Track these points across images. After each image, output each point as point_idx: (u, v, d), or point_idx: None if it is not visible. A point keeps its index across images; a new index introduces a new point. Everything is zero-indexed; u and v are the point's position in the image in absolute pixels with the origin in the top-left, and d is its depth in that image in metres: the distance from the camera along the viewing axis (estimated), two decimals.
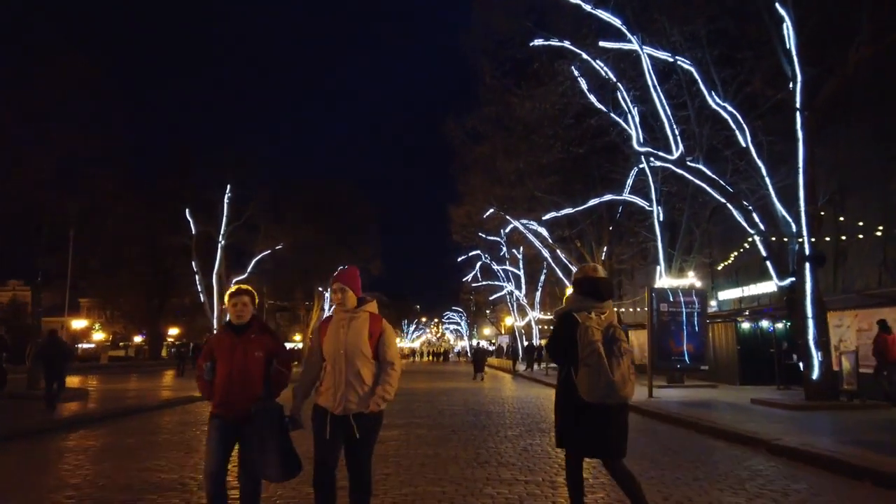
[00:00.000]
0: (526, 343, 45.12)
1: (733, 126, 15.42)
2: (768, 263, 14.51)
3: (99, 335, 79.90)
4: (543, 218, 26.23)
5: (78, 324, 62.71)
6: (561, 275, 33.96)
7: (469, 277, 58.12)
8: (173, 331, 74.07)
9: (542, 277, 48.85)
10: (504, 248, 51.75)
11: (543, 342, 37.19)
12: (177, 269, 43.69)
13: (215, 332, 31.64)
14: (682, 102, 16.43)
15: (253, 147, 43.65)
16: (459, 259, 55.96)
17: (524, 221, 31.92)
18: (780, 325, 20.99)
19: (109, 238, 50.88)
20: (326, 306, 56.05)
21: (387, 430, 10.33)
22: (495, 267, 53.23)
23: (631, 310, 41.83)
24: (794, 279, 14.14)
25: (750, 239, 17.93)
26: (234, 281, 33.91)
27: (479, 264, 55.37)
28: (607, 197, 24.41)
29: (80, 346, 77.42)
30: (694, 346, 16.97)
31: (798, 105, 13.64)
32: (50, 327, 40.05)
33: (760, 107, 15.82)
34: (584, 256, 31.97)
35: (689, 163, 15.19)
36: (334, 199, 50.70)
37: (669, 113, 15.59)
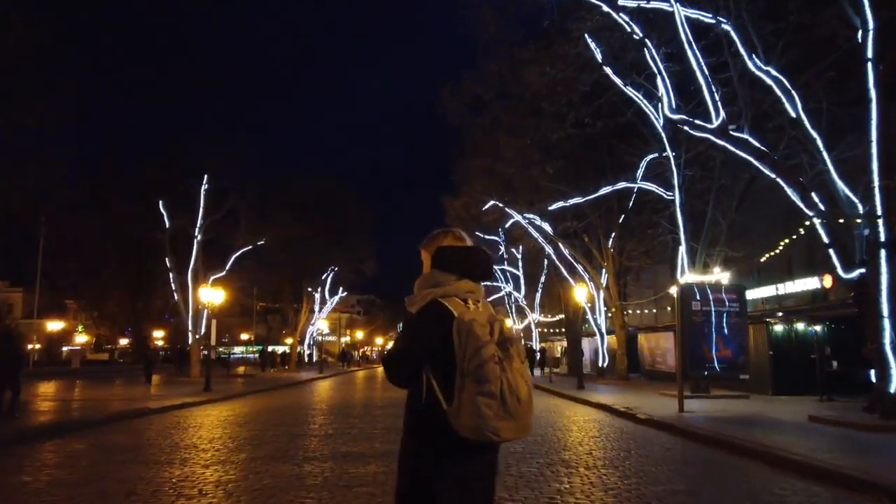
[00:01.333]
0: (526, 347, 42.70)
1: (779, 93, 12.96)
2: (831, 252, 11.99)
3: (82, 338, 77.26)
4: (550, 208, 23.74)
5: (54, 325, 59.81)
6: (566, 273, 31.50)
7: None
8: (158, 333, 71.17)
9: (543, 278, 46.54)
10: (502, 248, 49.42)
11: (545, 345, 34.49)
12: (160, 267, 41.03)
13: (191, 333, 28.82)
14: (721, 62, 13.93)
15: (234, 136, 40.90)
16: None
17: (526, 216, 29.43)
18: (818, 328, 18.53)
19: (87, 236, 48.50)
20: (317, 307, 53.57)
21: (365, 463, 7.78)
22: (494, 267, 50.66)
23: (637, 312, 39.38)
24: (863, 270, 11.63)
25: (796, 232, 15.42)
26: (211, 279, 31.32)
27: None
28: (621, 184, 21.96)
29: (65, 348, 74.88)
30: (732, 351, 14.45)
31: (870, 55, 11.15)
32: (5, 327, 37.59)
33: (817, 65, 13.33)
34: (591, 253, 29.49)
35: (732, 132, 12.69)
36: (325, 196, 48.24)
37: (707, 74, 13.10)
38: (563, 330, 55.32)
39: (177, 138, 33.25)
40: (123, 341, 73.38)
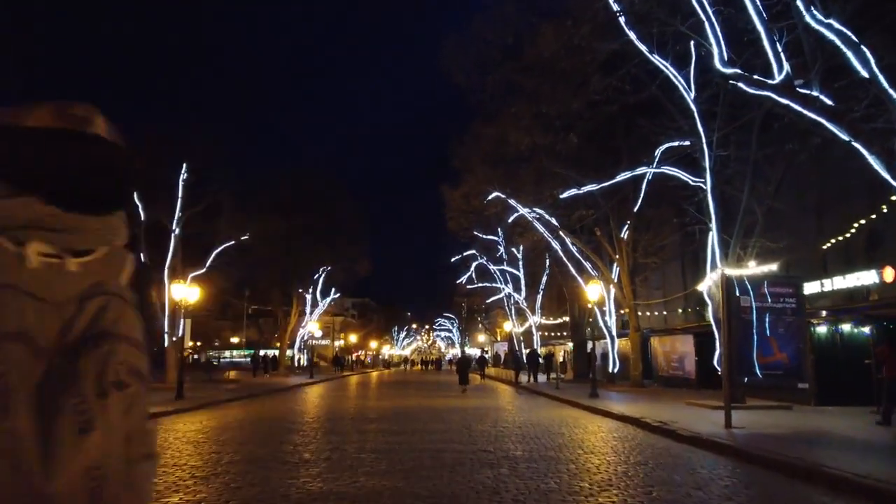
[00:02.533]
0: (527, 350, 40.24)
1: (845, 49, 10.69)
2: None
3: None
4: (561, 196, 21.40)
5: None
6: (573, 271, 29.16)
7: (464, 279, 53.18)
8: None
9: (545, 279, 44.32)
10: (502, 248, 47.11)
11: (548, 351, 32.14)
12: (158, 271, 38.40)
13: (167, 335, 26.40)
14: (778, 12, 11.63)
15: (216, 124, 38.52)
16: (453, 259, 51.18)
17: (531, 211, 27.11)
18: (865, 329, 16.24)
19: None
20: (308, 309, 51.15)
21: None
22: (492, 268, 48.46)
23: (647, 314, 37.05)
24: None
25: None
26: (191, 276, 28.88)
27: (474, 265, 50.56)
28: (641, 169, 19.68)
29: None
30: (788, 355, 12.14)
31: None
32: None
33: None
34: (601, 248, 27.19)
35: (799, 88, 10.39)
36: (317, 193, 45.89)
37: (766, 19, 10.80)
38: (566, 333, 53.08)
39: (154, 124, 30.75)
40: None
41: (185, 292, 21.47)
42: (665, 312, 38.54)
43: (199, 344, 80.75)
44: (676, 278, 37.77)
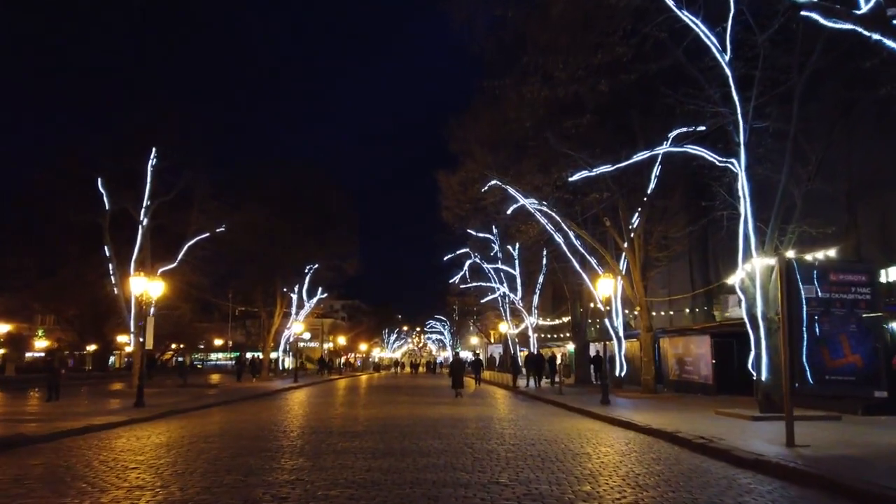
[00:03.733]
0: (525, 353, 38.02)
1: None
2: None
3: (43, 343, 71.79)
4: (572, 178, 19.08)
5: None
6: (577, 266, 26.91)
7: (457, 278, 50.82)
8: (124, 338, 65.46)
9: (542, 278, 42.12)
10: (497, 245, 44.88)
11: (551, 353, 29.86)
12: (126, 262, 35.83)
13: (133, 336, 23.90)
14: None
15: (191, 104, 36.03)
16: (447, 257, 48.82)
17: (533, 202, 24.81)
18: None
19: (40, 225, 43.28)
20: (294, 309, 48.62)
21: None
22: (487, 266, 46.21)
23: (653, 313, 34.77)
24: None
25: None
26: (160, 271, 26.40)
27: (468, 263, 48.26)
28: (661, 148, 17.34)
29: (30, 355, 69.16)
30: (861, 357, 9.90)
31: None
32: None
33: None
34: (612, 240, 24.95)
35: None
36: (304, 186, 43.46)
37: None
38: (564, 335, 50.84)
39: (121, 104, 28.26)
40: (92, 347, 67.99)
41: (144, 286, 19.01)
42: (671, 313, 36.39)
43: (182, 346, 78.19)
44: (683, 277, 35.63)
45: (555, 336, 53.93)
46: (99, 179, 25.63)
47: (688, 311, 36.14)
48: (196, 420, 15.74)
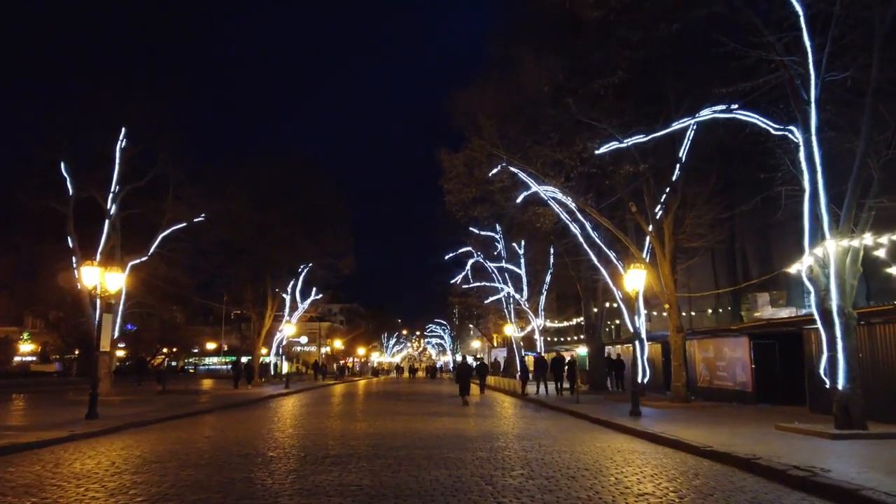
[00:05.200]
0: (530, 357, 35.27)
1: None
2: None
3: (28, 346, 69.00)
4: (598, 151, 16.37)
5: None
6: (596, 261, 24.19)
7: (459, 278, 48.08)
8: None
9: (548, 277, 39.48)
10: (501, 244, 42.22)
11: (573, 356, 27.10)
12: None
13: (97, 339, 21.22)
14: None
15: (167, 80, 33.49)
16: (448, 256, 46.16)
17: (547, 190, 22.10)
18: None
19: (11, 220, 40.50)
20: (287, 311, 45.86)
21: None
22: (490, 265, 43.59)
23: (684, 314, 32.02)
24: None
25: None
26: (130, 265, 23.71)
27: (470, 262, 45.61)
28: (706, 113, 14.64)
29: (18, 359, 66.30)
30: None
31: None
32: None
33: None
34: (640, 228, 22.25)
35: None
36: (292, 177, 40.76)
37: None
38: (574, 338, 48.07)
39: (86, 78, 25.53)
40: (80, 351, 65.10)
41: (97, 277, 16.27)
42: (693, 313, 33.66)
43: (174, 350, 75.37)
44: (703, 275, 32.91)
45: (561, 339, 51.20)
46: (62, 163, 22.90)
47: (710, 311, 33.47)
48: (152, 436, 13.03)
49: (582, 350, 38.46)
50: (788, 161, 13.42)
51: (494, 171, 21.08)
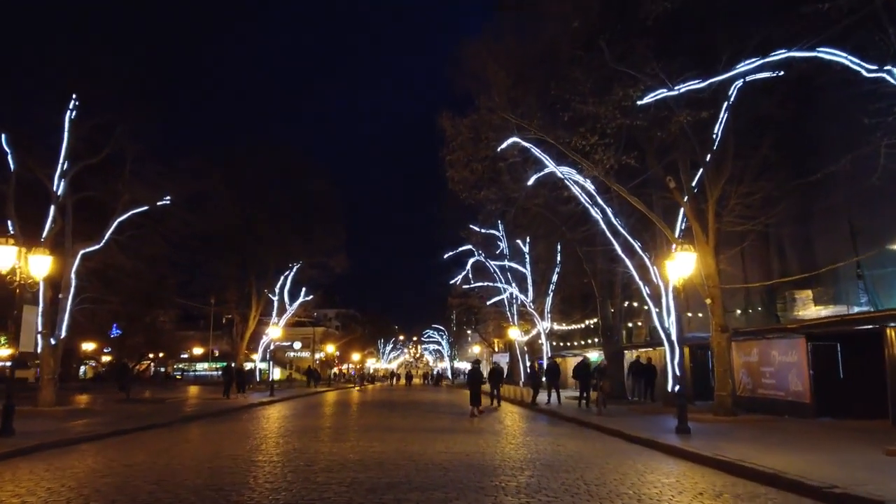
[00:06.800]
0: (546, 363, 32.03)
1: None
2: None
3: (4, 351, 65.47)
4: (642, 101, 13.18)
5: None
6: (620, 251, 21.03)
7: (459, 278, 44.89)
8: (89, 345, 59.04)
9: (555, 276, 36.51)
10: (504, 242, 39.16)
11: (603, 362, 23.83)
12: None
13: (40, 338, 17.96)
14: None
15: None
16: (447, 255, 43.07)
17: (565, 170, 18.97)
18: None
19: None
20: (275, 313, 42.56)
21: None
22: (492, 264, 40.57)
23: (689, 314, 28.80)
24: None
25: None
26: (80, 253, 20.48)
27: (471, 261, 42.55)
28: (779, 52, 11.48)
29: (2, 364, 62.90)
30: None
31: None
32: None
33: None
34: (668, 210, 19.11)
35: None
36: (283, 169, 37.73)
37: None
38: (582, 342, 44.74)
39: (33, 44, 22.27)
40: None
41: (11, 258, 12.99)
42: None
43: (161, 355, 71.91)
44: (733, 270, 29.72)
45: (566, 344, 47.90)
46: (2, 135, 19.67)
47: (739, 312, 30.26)
48: (64, 461, 9.79)
49: (593, 355, 35.23)
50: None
51: (507, 143, 17.89)
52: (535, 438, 13.61)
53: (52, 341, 19.85)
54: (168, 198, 21.54)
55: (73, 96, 20.07)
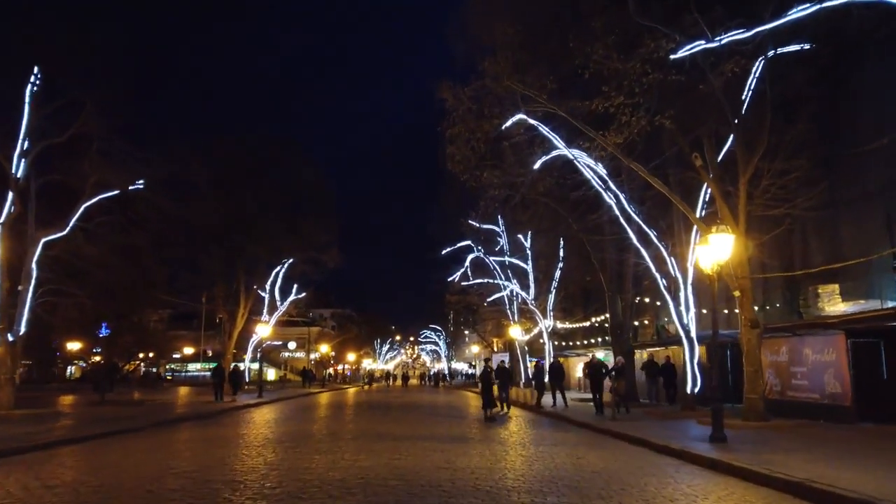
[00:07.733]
0: (548, 362, 30.23)
1: None
2: None
3: None
4: (676, 55, 11.27)
5: None
6: (634, 239, 19.30)
7: (457, 275, 43.07)
8: (75, 345, 56.87)
9: (558, 272, 34.76)
10: (504, 238, 37.44)
11: (620, 361, 21.95)
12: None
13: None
14: None
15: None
16: (445, 251, 41.40)
17: (576, 152, 17.24)
18: None
19: None
20: (265, 311, 40.71)
21: None
22: (492, 260, 38.85)
23: (703, 311, 27.03)
24: None
25: None
26: (43, 241, 18.63)
27: (470, 257, 40.82)
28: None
29: None
30: None
31: None
32: None
33: None
34: (690, 192, 17.34)
35: None
36: (272, 159, 35.92)
37: None
38: (586, 341, 42.92)
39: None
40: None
41: None
42: (736, 311, 28.63)
43: (151, 355, 69.95)
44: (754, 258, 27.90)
45: (569, 343, 46.12)
46: None
47: (756, 308, 28.46)
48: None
49: (599, 354, 33.47)
50: None
51: (513, 119, 16.10)
52: (550, 449, 11.78)
53: (10, 337, 17.96)
54: (141, 182, 19.68)
55: (35, 69, 18.21)
